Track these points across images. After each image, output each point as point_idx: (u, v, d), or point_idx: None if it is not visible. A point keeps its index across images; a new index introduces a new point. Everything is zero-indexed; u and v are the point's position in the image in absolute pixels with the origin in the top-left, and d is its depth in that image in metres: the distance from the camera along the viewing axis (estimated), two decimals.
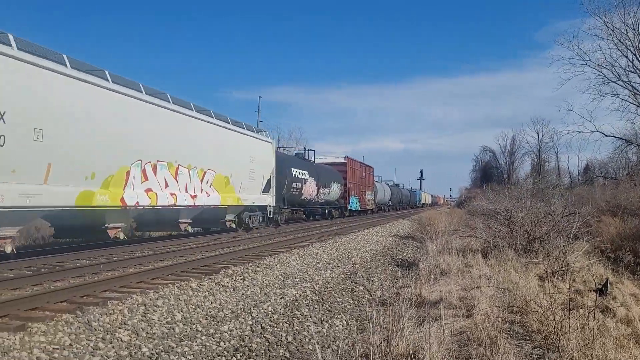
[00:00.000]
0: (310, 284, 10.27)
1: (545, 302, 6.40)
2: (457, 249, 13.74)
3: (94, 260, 11.35)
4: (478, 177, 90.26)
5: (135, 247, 13.83)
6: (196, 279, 9.11)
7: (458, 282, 9.38)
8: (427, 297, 8.37)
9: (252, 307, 8.14)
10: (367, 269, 13.02)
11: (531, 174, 53.37)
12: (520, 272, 10.38)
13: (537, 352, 5.40)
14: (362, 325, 7.51)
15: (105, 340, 5.79)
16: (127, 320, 6.51)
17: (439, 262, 11.45)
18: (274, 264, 11.56)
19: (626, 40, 33.59)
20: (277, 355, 6.20)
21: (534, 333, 6.04)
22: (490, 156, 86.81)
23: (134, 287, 8.42)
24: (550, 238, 12.49)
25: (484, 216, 18.75)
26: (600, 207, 22.71)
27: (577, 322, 5.52)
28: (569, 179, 55.33)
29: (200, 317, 7.26)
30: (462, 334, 6.07)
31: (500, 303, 7.15)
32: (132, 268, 10.42)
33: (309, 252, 14.10)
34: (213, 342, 6.38)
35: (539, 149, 67.34)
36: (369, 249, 17.19)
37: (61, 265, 10.54)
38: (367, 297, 9.82)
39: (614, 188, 29.91)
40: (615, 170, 45.11)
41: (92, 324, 6.15)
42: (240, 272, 10.19)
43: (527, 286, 8.64)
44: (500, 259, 11.25)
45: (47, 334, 5.60)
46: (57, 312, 6.45)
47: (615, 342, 5.47)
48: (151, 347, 5.87)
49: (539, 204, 15.32)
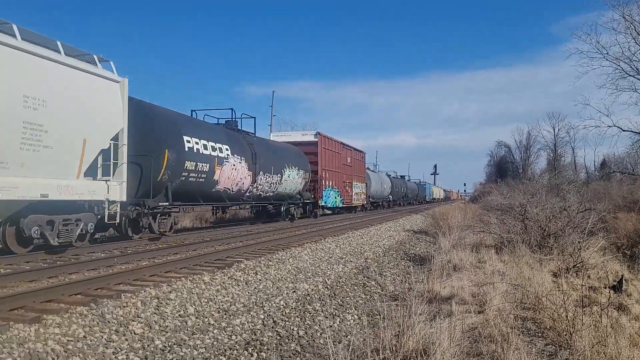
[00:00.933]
0: (322, 278, 10.29)
1: (559, 299, 6.35)
2: (470, 244, 13.67)
3: (109, 254, 11.46)
4: (493, 172, 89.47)
5: (149, 241, 13.95)
6: (209, 272, 9.16)
7: (471, 277, 9.35)
8: (439, 292, 8.35)
9: (264, 301, 8.17)
10: (380, 264, 13.00)
11: (547, 169, 52.86)
12: (534, 268, 10.31)
13: (549, 350, 5.36)
14: (374, 321, 7.51)
15: (118, 333, 5.86)
16: (141, 313, 6.58)
17: (451, 258, 11.41)
18: (286, 258, 11.59)
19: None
20: (289, 349, 6.23)
21: (546, 330, 6.00)
22: (506, 151, 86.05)
23: (148, 280, 8.49)
24: (565, 234, 12.38)
25: (498, 211, 18.63)
26: (617, 203, 22.43)
27: (590, 320, 5.47)
28: (585, 174, 54.69)
29: (212, 310, 7.31)
30: (473, 330, 6.05)
31: (512, 299, 7.11)
32: (145, 261, 10.51)
33: (322, 246, 14.11)
34: (225, 336, 6.42)
35: (555, 143, 66.53)
36: (382, 244, 17.16)
37: (77, 258, 10.66)
38: (379, 292, 9.82)
39: (631, 183, 29.52)
40: (632, 165, 44.47)
41: (105, 316, 6.21)
42: (253, 265, 10.24)
43: (541, 282, 8.58)
44: (514, 254, 11.18)
45: (62, 326, 5.67)
46: (71, 304, 6.53)
47: (629, 339, 5.42)
48: (164, 340, 5.93)
49: (554, 200, 15.17)
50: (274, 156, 22.01)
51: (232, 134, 19.16)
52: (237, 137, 19.44)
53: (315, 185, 26.97)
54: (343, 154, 32.82)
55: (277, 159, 22.17)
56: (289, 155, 24.21)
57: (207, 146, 16.27)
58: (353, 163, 35.57)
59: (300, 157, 25.60)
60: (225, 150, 17.36)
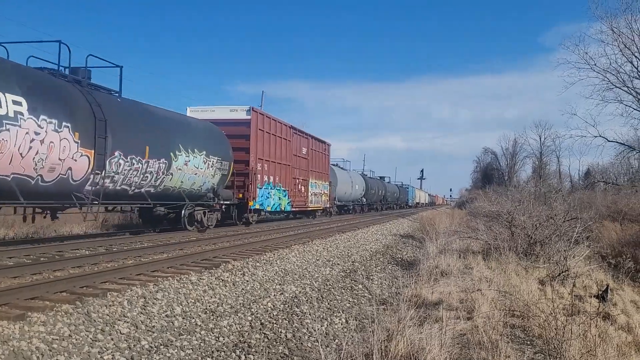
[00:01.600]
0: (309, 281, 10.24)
1: (547, 307, 6.37)
2: (457, 250, 13.72)
3: (94, 251, 11.32)
4: (479, 178, 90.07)
5: (134, 239, 13.79)
6: (196, 272, 9.08)
7: (458, 283, 9.36)
8: (427, 297, 8.34)
9: (252, 302, 8.11)
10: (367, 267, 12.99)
11: (532, 177, 53.33)
12: (521, 275, 10.36)
13: (539, 358, 5.37)
14: (362, 324, 7.48)
15: (104, 332, 5.77)
16: (127, 312, 6.49)
17: (439, 263, 11.43)
18: (274, 259, 11.52)
19: (632, 46, 33.41)
20: (277, 352, 6.18)
21: (535, 338, 6.01)
22: (492, 157, 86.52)
23: (134, 279, 8.38)
24: (552, 242, 12.46)
25: (485, 218, 18.73)
26: (601, 212, 22.68)
27: (579, 329, 5.49)
28: (569, 183, 55.26)
29: (199, 311, 7.24)
30: (462, 337, 6.05)
31: (501, 306, 7.13)
32: (131, 260, 10.38)
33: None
34: (212, 337, 6.36)
35: (541, 152, 67.06)
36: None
37: (60, 255, 10.51)
38: (367, 295, 9.80)
39: (615, 193, 29.87)
40: (616, 175, 45.05)
41: (91, 315, 6.12)
42: (240, 266, 10.16)
43: (528, 290, 8.62)
44: (501, 261, 11.23)
45: (47, 324, 5.57)
46: (56, 302, 6.41)
47: (617, 349, 5.44)
48: (150, 340, 5.85)
49: (541, 208, 15.28)
50: (154, 131, 14.12)
51: (40, 77, 10.96)
52: (59, 87, 11.32)
53: (245, 181, 19.50)
54: (294, 142, 25.25)
55: (162, 135, 14.40)
56: (191, 133, 15.98)
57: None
58: (311, 156, 27.95)
59: (216, 138, 17.57)
60: (13, 106, 9.56)
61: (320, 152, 30.50)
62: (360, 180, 43.64)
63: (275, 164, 22.63)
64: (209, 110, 20.65)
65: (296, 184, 25.64)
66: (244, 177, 19.67)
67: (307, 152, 27.39)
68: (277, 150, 22.94)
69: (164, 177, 14.42)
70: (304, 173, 27.03)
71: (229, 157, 18.16)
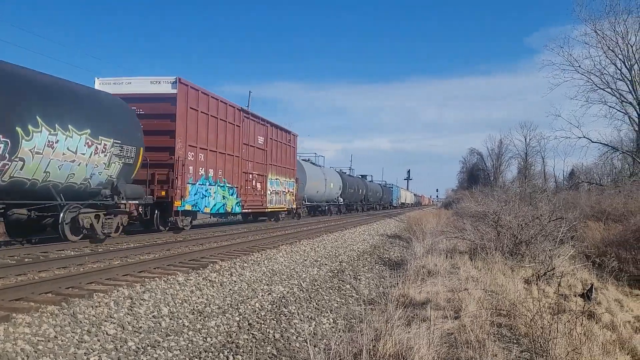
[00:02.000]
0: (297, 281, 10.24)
1: (533, 306, 6.43)
2: (444, 250, 13.79)
3: (79, 252, 11.21)
4: (465, 178, 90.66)
5: (121, 239, 13.69)
6: (183, 273, 9.03)
7: (445, 283, 9.41)
8: (415, 297, 8.38)
9: (240, 303, 8.09)
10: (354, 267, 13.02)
11: (518, 178, 53.78)
12: (507, 274, 10.44)
13: (525, 356, 5.42)
14: (350, 324, 7.49)
15: (90, 333, 5.72)
16: (113, 313, 6.44)
17: (426, 263, 11.48)
18: (261, 259, 11.50)
19: (615, 48, 33.96)
20: (265, 352, 6.17)
21: (521, 337, 6.06)
22: (478, 158, 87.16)
23: (120, 279, 8.32)
24: (537, 242, 12.58)
25: (471, 218, 18.85)
26: (585, 213, 22.93)
27: (564, 327, 5.55)
28: (554, 183, 55.84)
29: (187, 311, 7.20)
30: (449, 336, 6.08)
31: (487, 305, 7.18)
32: (118, 260, 10.30)
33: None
34: (200, 338, 6.33)
35: (526, 152, 67.74)
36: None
37: (45, 256, 10.39)
38: (355, 295, 9.82)
39: (599, 194, 30.23)
40: (600, 176, 45.63)
41: (77, 316, 6.06)
42: (228, 267, 10.13)
43: (514, 289, 8.69)
44: (487, 261, 11.31)
45: (32, 326, 5.51)
46: (42, 303, 6.35)
47: (601, 347, 5.51)
48: (137, 342, 5.81)
49: (527, 208, 15.42)
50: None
51: None
52: None
53: (169, 174, 15.15)
54: (246, 129, 20.68)
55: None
56: (66, 102, 11.54)
57: None
58: (271, 147, 23.61)
59: (112, 114, 13.17)
60: None
61: (284, 144, 25.70)
62: (336, 178, 38.99)
63: (217, 154, 18.02)
64: (124, 83, 16.01)
65: (249, 179, 21.01)
66: (168, 169, 15.24)
67: (265, 142, 22.83)
68: (221, 136, 18.27)
69: (7, 163, 9.74)
70: (261, 167, 22.42)
71: (136, 141, 13.59)
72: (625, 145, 39.73)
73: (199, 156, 16.76)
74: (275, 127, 24.59)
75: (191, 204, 16.25)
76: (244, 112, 20.79)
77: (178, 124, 15.47)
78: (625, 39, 33.43)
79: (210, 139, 17.57)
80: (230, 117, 19.24)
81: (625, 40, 33.43)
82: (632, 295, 11.97)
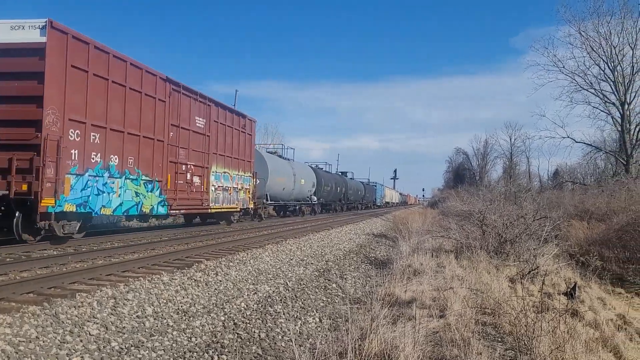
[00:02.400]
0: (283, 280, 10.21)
1: (517, 305, 6.47)
2: (430, 249, 13.85)
3: (62, 251, 11.07)
4: (451, 178, 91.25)
5: (104, 239, 13.56)
6: (168, 272, 8.95)
7: (431, 282, 9.45)
8: (400, 296, 8.39)
9: (225, 302, 8.04)
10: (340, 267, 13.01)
11: (503, 177, 54.26)
12: (492, 273, 10.51)
13: (510, 354, 5.45)
14: (336, 324, 7.49)
15: (73, 334, 5.64)
16: (97, 313, 6.36)
17: (412, 262, 11.51)
18: (247, 259, 11.45)
19: (599, 49, 34.44)
20: (250, 352, 6.14)
21: (506, 335, 6.10)
22: (464, 158, 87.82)
23: (104, 279, 8.23)
24: (522, 241, 12.69)
25: (457, 217, 18.96)
26: (569, 212, 23.20)
27: (548, 326, 5.59)
28: (538, 183, 56.42)
29: (171, 311, 7.14)
30: (435, 334, 6.10)
31: (473, 304, 7.21)
32: (101, 260, 10.19)
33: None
34: (184, 338, 6.28)
35: (511, 152, 68.42)
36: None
37: (27, 255, 10.25)
38: (341, 294, 9.81)
39: (583, 193, 30.61)
40: (583, 175, 46.25)
41: (59, 316, 5.98)
42: (213, 266, 10.07)
43: (499, 288, 8.75)
44: (472, 260, 11.38)
45: (13, 326, 5.42)
46: (23, 303, 6.25)
47: (584, 345, 5.56)
48: (120, 342, 5.75)
49: (512, 207, 15.55)
50: None
51: None
52: None
53: (33, 159, 10.61)
54: (175, 106, 15.89)
55: None
56: None
57: None
58: (216, 132, 18.74)
59: None
60: None
61: (236, 130, 20.50)
62: (308, 173, 34.32)
63: (126, 136, 13.32)
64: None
65: (181, 172, 16.19)
66: (33, 152, 10.65)
67: (207, 126, 17.86)
68: (132, 113, 13.61)
69: None
70: (200, 157, 17.48)
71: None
72: (609, 145, 40.37)
73: (90, 136, 11.97)
74: (224, 107, 19.40)
75: (76, 202, 11.56)
76: (171, 83, 15.59)
77: (49, 86, 10.82)
78: (608, 40, 33.94)
79: (114, 114, 12.82)
80: (150, 87, 14.36)
81: (608, 41, 33.94)
82: (615, 294, 12.12)
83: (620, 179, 28.03)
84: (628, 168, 33.31)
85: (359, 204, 56.12)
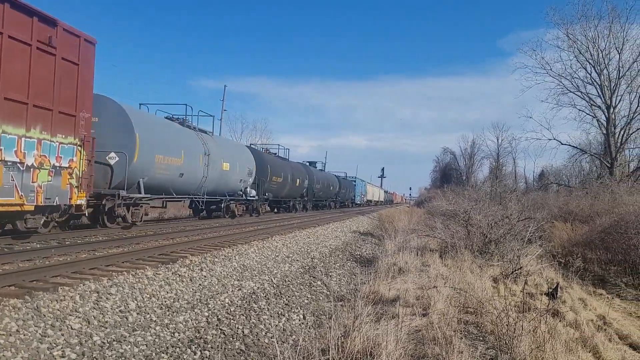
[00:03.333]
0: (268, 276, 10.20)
1: (500, 304, 6.54)
2: (415, 247, 13.91)
3: (45, 244, 10.97)
4: (438, 177, 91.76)
5: (89, 232, 13.45)
6: (152, 267, 8.91)
7: (415, 280, 9.51)
8: (385, 294, 8.44)
9: (209, 298, 8.02)
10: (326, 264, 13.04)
11: (489, 177, 54.63)
12: (476, 273, 10.60)
13: (491, 353, 5.51)
14: (319, 321, 7.51)
15: (54, 328, 5.59)
16: (79, 307, 6.31)
17: (397, 260, 11.56)
18: (232, 255, 11.43)
19: (586, 52, 34.80)
20: (233, 348, 6.14)
21: (487, 334, 6.16)
22: (451, 158, 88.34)
23: (87, 273, 8.16)
24: (506, 241, 12.80)
25: (443, 217, 19.06)
26: (553, 213, 23.42)
27: (529, 325, 5.65)
28: (524, 184, 56.94)
29: (155, 306, 7.11)
30: (417, 332, 6.14)
31: (456, 303, 7.27)
32: (85, 254, 10.11)
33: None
34: (167, 333, 6.26)
35: (498, 153, 69.04)
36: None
37: (10, 248, 10.14)
38: (325, 292, 9.84)
39: (567, 195, 30.93)
40: (568, 177, 46.76)
41: (41, 310, 5.92)
42: (198, 262, 10.03)
43: (482, 287, 8.82)
44: (457, 259, 11.46)
45: None
46: (4, 296, 6.18)
47: (564, 345, 5.63)
48: (102, 336, 5.71)
49: (496, 207, 15.67)
50: None
51: None
52: None
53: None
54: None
55: None
56: None
57: None
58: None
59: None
60: None
61: (43, 51, 9.83)
62: (243, 155, 23.44)
63: None
64: None
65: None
66: None
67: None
68: None
69: None
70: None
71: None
72: (594, 148, 40.80)
73: None
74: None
75: None
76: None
77: None
78: (595, 44, 34.31)
79: None
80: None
81: (595, 45, 34.31)
82: (596, 295, 12.29)
83: (604, 182, 28.36)
84: (612, 171, 33.73)
85: (331, 201, 45.83)
